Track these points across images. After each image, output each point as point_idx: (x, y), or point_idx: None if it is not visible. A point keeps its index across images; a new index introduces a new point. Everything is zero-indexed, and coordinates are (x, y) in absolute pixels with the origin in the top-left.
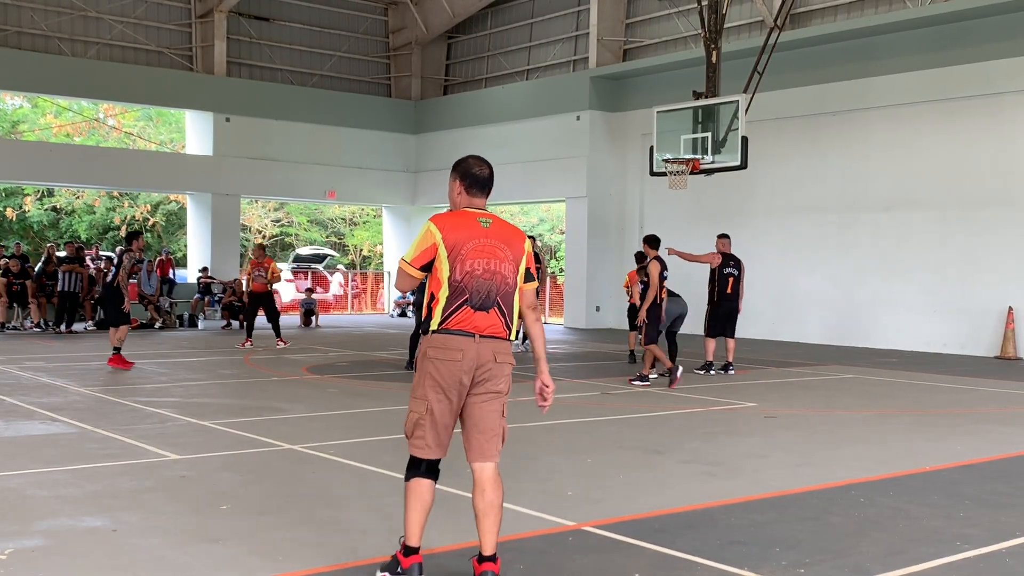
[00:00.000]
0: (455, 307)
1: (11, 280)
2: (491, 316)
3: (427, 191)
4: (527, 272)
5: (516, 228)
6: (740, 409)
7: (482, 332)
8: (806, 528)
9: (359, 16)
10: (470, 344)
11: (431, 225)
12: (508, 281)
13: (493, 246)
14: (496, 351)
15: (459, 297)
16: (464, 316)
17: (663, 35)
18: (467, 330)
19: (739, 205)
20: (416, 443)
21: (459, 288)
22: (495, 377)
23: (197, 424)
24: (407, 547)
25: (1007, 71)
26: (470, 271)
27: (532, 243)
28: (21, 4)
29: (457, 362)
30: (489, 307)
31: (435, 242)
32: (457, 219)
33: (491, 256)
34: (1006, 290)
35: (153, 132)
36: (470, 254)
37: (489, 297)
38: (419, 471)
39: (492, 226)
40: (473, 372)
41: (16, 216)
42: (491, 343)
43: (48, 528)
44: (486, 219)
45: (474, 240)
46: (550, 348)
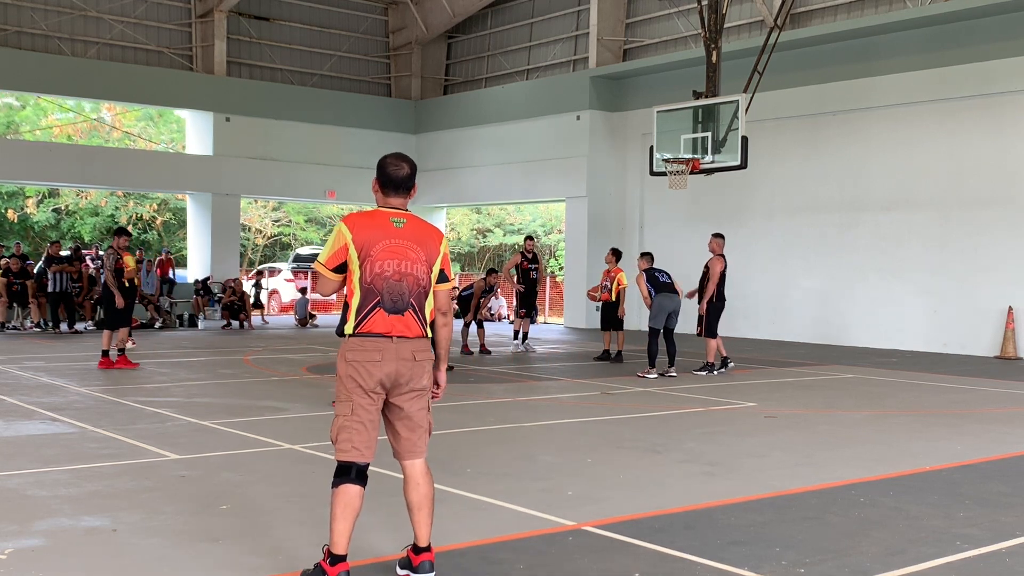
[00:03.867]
0: (368, 310)
1: (11, 280)
2: (406, 319)
3: (427, 191)
4: (441, 273)
5: (433, 228)
6: (740, 409)
7: (397, 334)
8: (806, 528)
9: (359, 16)
10: (388, 346)
11: (342, 225)
12: (421, 282)
13: (404, 247)
14: (415, 351)
15: (371, 299)
16: (378, 319)
17: (663, 35)
18: (383, 333)
19: (739, 205)
20: (343, 447)
21: (370, 290)
22: (416, 376)
23: (197, 424)
24: (333, 555)
25: (1007, 71)
26: (379, 272)
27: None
28: (21, 4)
29: (376, 363)
30: (404, 310)
31: (346, 242)
32: (369, 219)
33: (402, 257)
34: (1006, 290)
35: (154, 132)
36: (380, 255)
37: (403, 299)
38: (349, 477)
39: (406, 226)
40: (395, 374)
41: (17, 217)
42: (409, 343)
43: (48, 528)
44: (400, 219)
45: (385, 240)
46: (550, 347)
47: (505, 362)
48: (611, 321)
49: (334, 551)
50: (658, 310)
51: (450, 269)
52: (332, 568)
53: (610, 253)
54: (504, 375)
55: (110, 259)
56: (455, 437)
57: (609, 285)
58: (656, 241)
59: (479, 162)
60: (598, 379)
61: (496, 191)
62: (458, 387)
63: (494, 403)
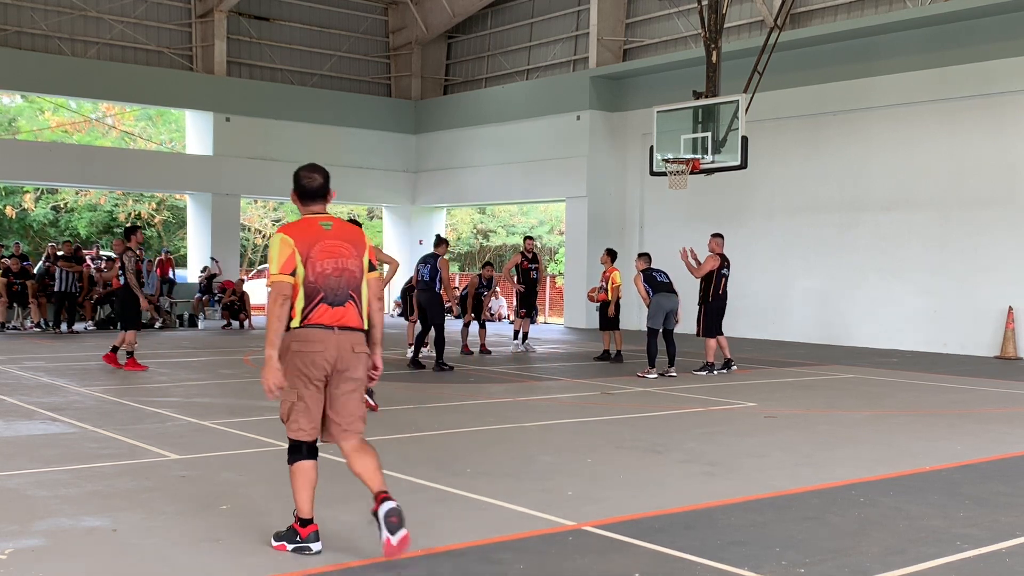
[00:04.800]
0: (313, 305)
1: (11, 280)
2: (346, 309)
3: (427, 191)
4: (370, 264)
5: (356, 226)
6: (740, 409)
7: (339, 325)
8: (806, 528)
9: (359, 16)
10: (330, 336)
11: (283, 235)
12: (356, 275)
13: (338, 246)
14: (353, 343)
15: (315, 295)
16: (321, 312)
17: (663, 35)
18: (326, 324)
19: (739, 205)
20: (293, 427)
21: (314, 288)
22: (353, 367)
23: (197, 424)
24: (302, 519)
25: (1007, 71)
26: (321, 271)
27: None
28: (21, 4)
29: (319, 352)
30: (344, 301)
31: (292, 249)
32: (302, 226)
33: (338, 255)
34: (1006, 290)
35: (154, 132)
36: (319, 256)
37: (342, 292)
38: (301, 454)
39: (333, 228)
40: (335, 362)
41: (16, 215)
42: (348, 335)
43: (48, 528)
44: (327, 222)
45: (320, 243)
46: (550, 347)
47: (505, 362)
48: (609, 321)
49: (302, 516)
50: (656, 310)
51: (376, 260)
52: (304, 529)
53: (605, 254)
54: (504, 375)
55: (131, 260)
56: (455, 437)
57: (606, 285)
58: (656, 241)
59: (479, 162)
60: (598, 379)
61: (496, 191)
62: (458, 387)
63: (494, 403)
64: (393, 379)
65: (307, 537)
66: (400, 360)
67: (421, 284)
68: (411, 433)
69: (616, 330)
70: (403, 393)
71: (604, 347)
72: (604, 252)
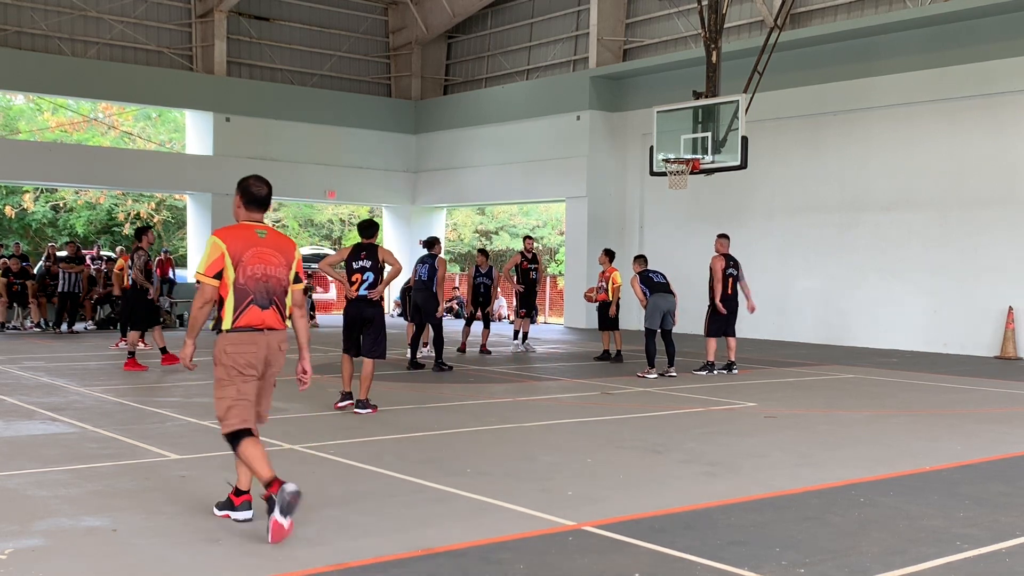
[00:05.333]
0: (243, 307)
1: (11, 280)
2: (271, 312)
3: (427, 191)
4: (296, 275)
5: (287, 237)
6: (740, 409)
7: (267, 326)
8: (806, 528)
9: (359, 16)
10: (260, 337)
11: (216, 239)
12: (282, 282)
13: (269, 253)
14: (279, 341)
15: (245, 298)
16: (252, 314)
17: (663, 35)
18: (256, 326)
19: (739, 205)
20: (232, 422)
21: (243, 290)
22: (277, 363)
23: (197, 424)
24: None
25: (1007, 71)
26: (251, 275)
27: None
28: (21, 4)
29: (253, 353)
30: (269, 305)
31: (222, 252)
32: (237, 231)
33: (267, 262)
34: (1006, 290)
35: (153, 132)
36: (250, 261)
37: (269, 296)
38: (243, 437)
39: (267, 236)
40: (265, 359)
41: (15, 214)
42: (275, 335)
43: (48, 528)
44: (262, 230)
45: (252, 248)
46: (550, 347)
47: (505, 362)
48: (608, 321)
49: (265, 479)
50: (653, 310)
51: (303, 272)
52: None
53: (603, 254)
54: (504, 375)
55: (140, 259)
56: (455, 437)
57: (605, 285)
58: (656, 241)
59: (479, 162)
60: (598, 379)
61: (496, 191)
62: (458, 387)
63: (494, 403)
64: (393, 379)
65: (279, 489)
66: (400, 360)
67: (419, 284)
68: (411, 433)
69: (616, 330)
70: (403, 393)
71: (604, 347)
72: (602, 252)
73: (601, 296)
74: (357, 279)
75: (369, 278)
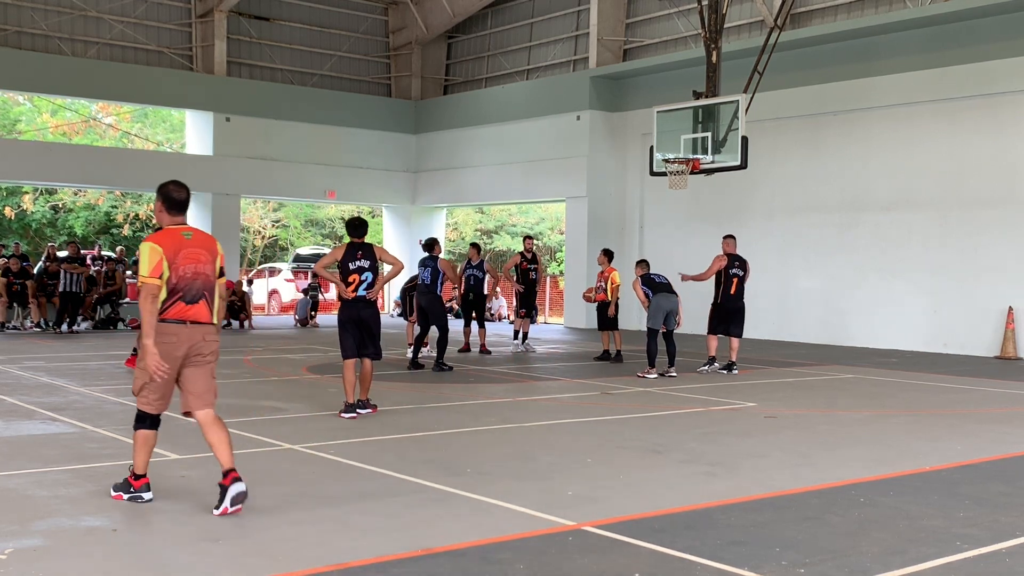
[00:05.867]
0: (172, 302)
1: (11, 280)
2: (199, 306)
3: (427, 191)
4: (221, 269)
5: (210, 236)
6: (740, 409)
7: (192, 320)
8: (806, 528)
9: (359, 16)
10: (183, 329)
11: (152, 244)
12: (210, 278)
13: (197, 253)
14: (204, 334)
15: (175, 295)
16: (178, 308)
17: (663, 35)
18: (180, 319)
19: (739, 205)
20: (143, 401)
21: (175, 288)
22: (204, 352)
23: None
24: (136, 475)
25: (1007, 71)
26: (183, 274)
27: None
28: (21, 4)
29: (173, 343)
30: (198, 300)
31: (160, 255)
32: (168, 235)
33: (197, 261)
34: (1006, 290)
35: (150, 131)
36: (182, 261)
37: (198, 292)
38: (145, 425)
39: (193, 237)
40: (186, 350)
41: (15, 215)
42: (200, 328)
43: (48, 528)
44: (188, 232)
45: (183, 250)
46: (550, 347)
47: (505, 362)
48: (608, 321)
49: (137, 472)
50: (656, 309)
51: (225, 266)
52: (137, 482)
53: (602, 254)
54: (504, 375)
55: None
56: (455, 437)
57: (604, 285)
58: (656, 241)
59: (479, 162)
60: (598, 379)
61: (496, 191)
62: (458, 387)
63: (494, 403)
64: (393, 379)
65: (140, 488)
66: (400, 360)
67: (422, 287)
68: (411, 433)
69: (615, 330)
70: (403, 393)
71: (604, 347)
72: (601, 252)
73: (600, 296)
74: (355, 279)
75: (367, 278)
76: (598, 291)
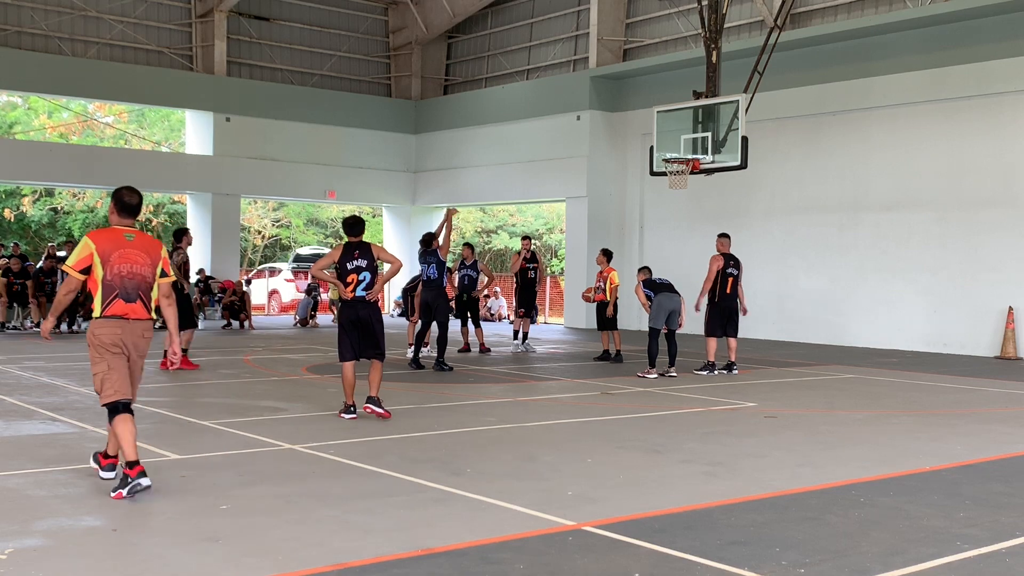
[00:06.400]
0: (110, 300)
1: (11, 280)
2: (136, 305)
3: (427, 191)
4: (162, 271)
5: (154, 240)
6: (740, 409)
7: (130, 316)
8: (806, 528)
9: (359, 16)
10: (124, 324)
11: (87, 239)
12: (147, 279)
13: (135, 255)
14: (143, 330)
15: (112, 292)
16: (117, 305)
17: (663, 35)
18: (120, 315)
19: (739, 205)
20: (108, 393)
21: (110, 286)
22: (142, 348)
23: (197, 424)
24: (129, 462)
25: (1007, 71)
26: (117, 272)
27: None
28: (21, 4)
29: (117, 335)
30: (135, 299)
31: (91, 251)
32: (107, 234)
33: (133, 262)
34: (1006, 290)
35: (147, 131)
36: (117, 260)
37: (134, 292)
38: (119, 412)
39: (135, 240)
40: (129, 344)
41: (14, 216)
42: (138, 324)
43: (48, 528)
44: (131, 234)
45: (120, 250)
46: (550, 347)
47: (505, 362)
48: (607, 321)
49: (129, 459)
50: (658, 309)
51: (169, 268)
52: (132, 471)
53: (601, 254)
54: (504, 375)
55: (179, 257)
56: (455, 437)
57: (603, 285)
58: (656, 241)
59: (479, 162)
60: (598, 379)
61: (496, 191)
62: (458, 387)
63: (494, 403)
64: (393, 379)
65: (137, 475)
66: (400, 360)
67: (428, 283)
68: (411, 433)
69: (615, 330)
70: (403, 393)
71: (603, 347)
72: (600, 253)
73: (599, 296)
74: (353, 280)
75: (366, 278)
76: (597, 291)
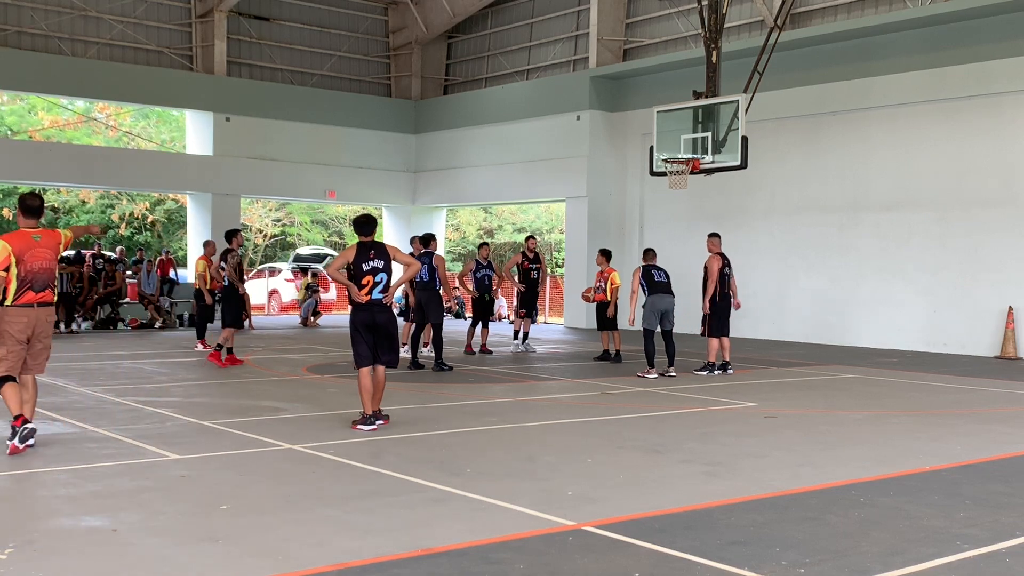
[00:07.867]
0: (23, 291)
1: None
2: (44, 293)
3: (427, 191)
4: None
5: (55, 233)
6: (740, 409)
7: (39, 302)
8: (806, 528)
9: (359, 16)
10: (32, 311)
11: (3, 242)
12: (53, 270)
13: (43, 252)
14: (47, 314)
15: (25, 286)
16: (27, 296)
17: (663, 35)
18: (29, 303)
19: (739, 205)
20: (1, 370)
21: (24, 280)
22: (47, 331)
23: (197, 424)
24: (15, 416)
25: (1007, 71)
26: (31, 269)
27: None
28: (21, 4)
29: (24, 322)
30: (44, 288)
31: (8, 252)
32: (19, 237)
33: (42, 259)
34: (1006, 290)
35: (154, 132)
36: (30, 259)
37: (44, 282)
38: (5, 382)
39: (41, 239)
40: (33, 328)
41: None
42: (44, 309)
43: (48, 528)
44: (37, 235)
45: (31, 250)
46: (550, 347)
47: (505, 362)
48: (607, 321)
49: (13, 413)
50: (650, 310)
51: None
52: (17, 421)
53: (600, 255)
54: (504, 375)
55: (234, 259)
56: (455, 437)
57: (603, 286)
58: (656, 241)
59: (479, 162)
60: (598, 379)
61: (496, 191)
62: (458, 387)
63: (494, 403)
64: (393, 379)
65: (22, 424)
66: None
67: (420, 284)
68: (411, 433)
69: (614, 330)
70: (403, 393)
71: (603, 347)
72: (599, 253)
73: (599, 296)
74: (368, 282)
75: (383, 280)
76: (597, 291)
